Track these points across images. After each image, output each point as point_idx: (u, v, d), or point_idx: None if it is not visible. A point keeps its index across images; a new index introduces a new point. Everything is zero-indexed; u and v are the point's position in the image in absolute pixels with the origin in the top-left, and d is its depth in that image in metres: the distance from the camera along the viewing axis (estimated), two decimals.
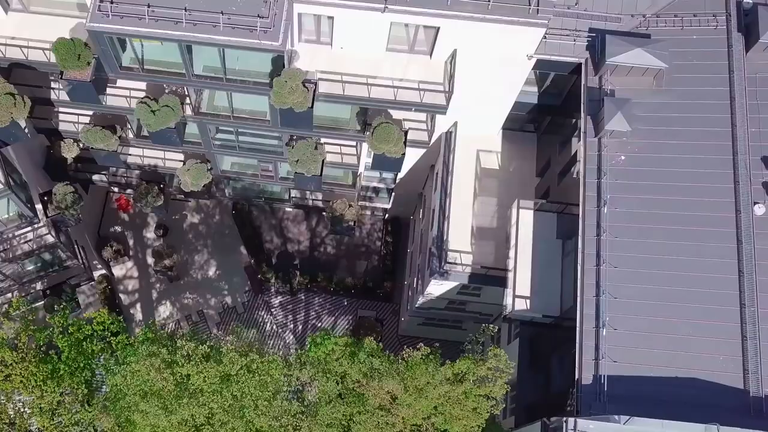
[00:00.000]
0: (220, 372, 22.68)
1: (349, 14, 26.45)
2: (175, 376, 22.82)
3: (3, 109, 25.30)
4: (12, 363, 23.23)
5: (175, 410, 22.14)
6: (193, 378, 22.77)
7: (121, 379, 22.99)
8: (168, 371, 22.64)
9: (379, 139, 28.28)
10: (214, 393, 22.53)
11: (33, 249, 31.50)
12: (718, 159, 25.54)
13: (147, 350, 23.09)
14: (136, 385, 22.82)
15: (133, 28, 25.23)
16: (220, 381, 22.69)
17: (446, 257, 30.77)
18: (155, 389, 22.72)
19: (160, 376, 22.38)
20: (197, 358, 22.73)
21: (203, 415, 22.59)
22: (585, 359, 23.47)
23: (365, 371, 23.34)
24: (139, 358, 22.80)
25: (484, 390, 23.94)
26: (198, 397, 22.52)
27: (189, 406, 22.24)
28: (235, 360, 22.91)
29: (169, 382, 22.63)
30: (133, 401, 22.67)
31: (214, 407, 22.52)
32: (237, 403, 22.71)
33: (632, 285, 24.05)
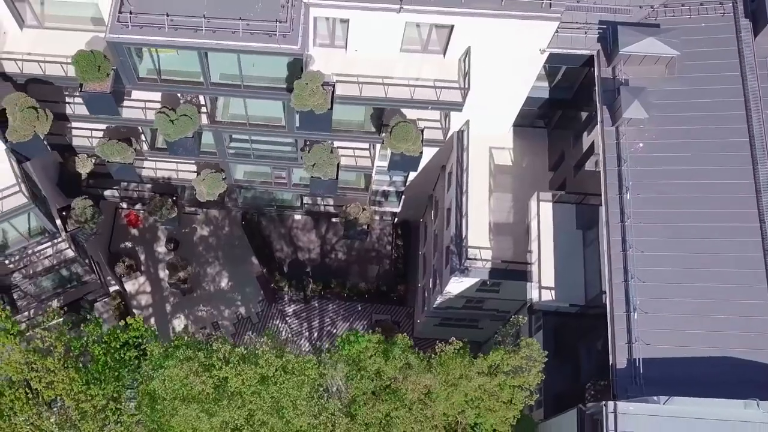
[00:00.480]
0: (258, 374, 22.77)
1: (365, 16, 26.77)
2: (213, 379, 22.89)
3: (26, 123, 25.34)
4: (54, 370, 23.27)
5: (216, 413, 22.18)
6: (231, 380, 22.83)
7: (159, 383, 23.00)
8: (206, 374, 22.72)
9: (398, 138, 28.56)
10: (253, 394, 22.60)
11: (53, 264, 31.42)
12: (735, 141, 25.98)
13: (183, 354, 23.17)
14: (174, 389, 22.85)
15: (153, 37, 25.42)
16: (258, 382, 22.76)
17: (466, 254, 31.00)
18: (194, 393, 22.77)
19: (198, 379, 22.45)
20: (234, 360, 22.82)
21: (243, 417, 22.65)
22: (618, 344, 23.72)
23: (400, 366, 23.49)
24: (176, 363, 22.87)
25: (518, 380, 24.11)
26: (237, 399, 22.57)
27: (229, 408, 22.29)
28: (272, 361, 23.01)
29: (208, 385, 22.70)
30: (173, 406, 22.69)
31: (253, 408, 22.57)
32: (275, 403, 22.78)
33: (660, 268, 24.36)
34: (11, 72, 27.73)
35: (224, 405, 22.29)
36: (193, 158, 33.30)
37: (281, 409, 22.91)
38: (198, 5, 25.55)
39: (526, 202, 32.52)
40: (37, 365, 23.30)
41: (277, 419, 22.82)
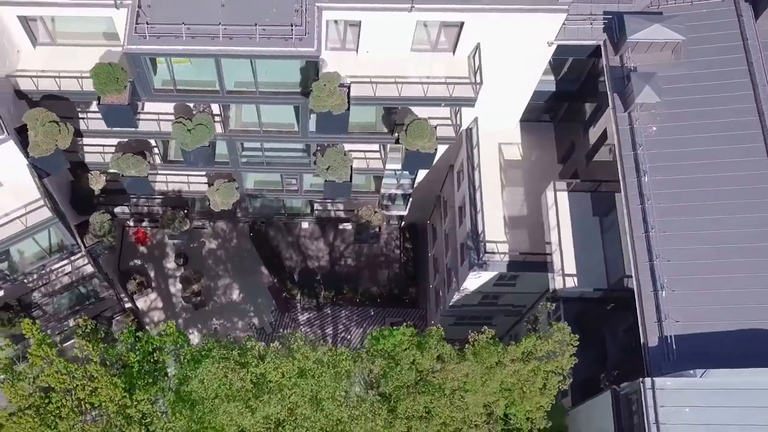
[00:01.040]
0: (297, 367, 22.96)
1: (376, 17, 27.20)
2: (251, 376, 23.03)
3: (48, 137, 25.44)
4: (98, 376, 23.30)
5: (258, 408, 22.29)
6: (270, 375, 22.98)
7: (197, 384, 23.11)
8: (244, 371, 22.87)
9: (414, 135, 28.94)
10: (294, 386, 22.77)
11: (72, 281, 31.37)
12: (746, 120, 26.62)
13: (218, 354, 23.33)
14: (213, 388, 22.96)
15: (171, 46, 25.69)
16: (297, 375, 22.95)
17: (484, 248, 31.35)
18: (234, 390, 22.91)
19: (237, 375, 22.60)
20: (272, 355, 23.04)
21: (286, 409, 22.77)
22: (648, 323, 24.12)
23: (437, 357, 23.76)
24: (213, 362, 23.01)
25: (552, 365, 24.41)
26: (277, 393, 22.72)
27: (270, 402, 22.43)
28: (308, 354, 23.19)
29: (247, 381, 22.86)
30: (214, 404, 22.78)
31: (295, 400, 22.71)
32: (315, 396, 22.98)
33: (683, 247, 24.85)
34: (27, 89, 27.81)
35: (266, 400, 22.41)
36: (207, 168, 33.48)
37: (320, 402, 23.06)
38: (213, 13, 25.88)
39: (537, 195, 32.99)
40: (77, 373, 23.35)
41: (317, 411, 22.95)
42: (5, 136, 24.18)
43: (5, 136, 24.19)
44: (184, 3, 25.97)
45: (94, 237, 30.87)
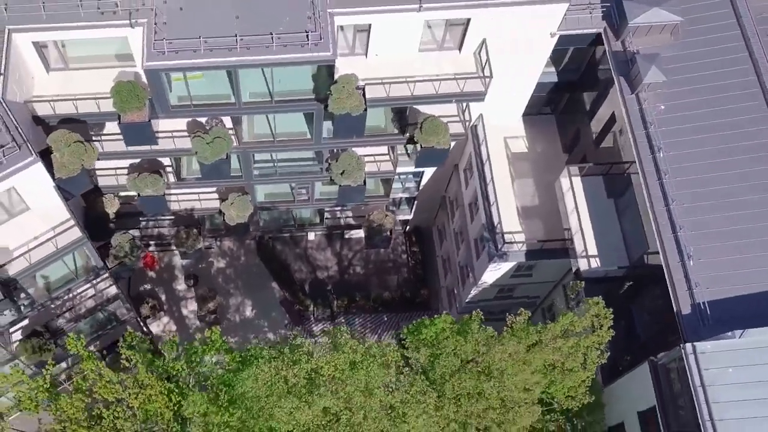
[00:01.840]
0: (348, 360, 23.29)
1: (386, 19, 27.85)
2: (303, 372, 23.31)
3: (75, 157, 25.58)
4: (151, 383, 23.37)
5: (315, 401, 22.54)
6: (324, 369, 23.29)
7: (251, 382, 23.34)
8: (296, 367, 23.15)
9: (429, 131, 29.59)
10: (347, 378, 23.09)
11: (96, 305, 31.28)
12: (748, 93, 27.68)
13: (269, 354, 23.60)
14: (267, 386, 23.19)
15: (190, 60, 26.03)
16: (349, 368, 23.27)
17: (503, 239, 31.97)
18: (288, 386, 23.17)
19: (291, 372, 22.89)
20: (323, 350, 23.36)
21: (341, 401, 23.05)
22: (679, 292, 24.83)
23: (482, 340, 24.27)
24: (266, 361, 23.29)
25: (591, 339, 25.00)
26: (332, 386, 23.00)
27: (327, 395, 22.69)
28: (356, 347, 23.55)
29: (300, 377, 23.13)
30: (269, 402, 22.99)
31: (350, 390, 23.01)
32: (367, 386, 23.34)
33: (705, 216, 25.70)
34: (44, 114, 27.92)
35: (322, 392, 22.68)
36: (223, 182, 33.70)
37: (372, 390, 23.39)
38: (228, 26, 26.33)
39: (547, 184, 33.84)
40: (128, 382, 23.46)
41: (370, 400, 23.26)
42: (34, 158, 24.26)
43: (33, 158, 24.27)
44: (199, 18, 26.39)
45: (116, 258, 30.87)
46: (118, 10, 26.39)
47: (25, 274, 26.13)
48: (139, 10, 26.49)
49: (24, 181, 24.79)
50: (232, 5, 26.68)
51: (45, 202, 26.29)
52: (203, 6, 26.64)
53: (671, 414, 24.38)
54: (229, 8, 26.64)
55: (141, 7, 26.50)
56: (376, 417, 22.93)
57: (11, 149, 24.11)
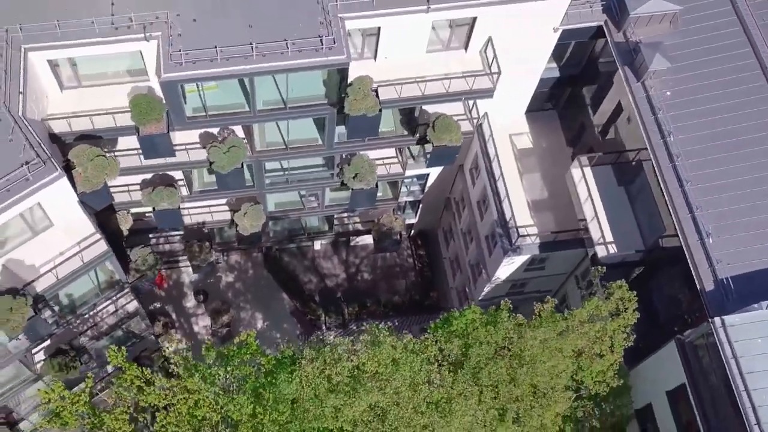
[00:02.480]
0: (390, 356, 23.54)
1: (395, 21, 28.38)
2: (346, 370, 23.54)
3: (99, 170, 25.70)
4: (197, 389, 23.46)
5: (361, 397, 22.73)
6: (367, 366, 23.53)
7: (297, 384, 23.52)
8: (339, 365, 23.37)
9: (441, 129, 30.11)
10: (392, 374, 23.34)
11: (118, 321, 31.23)
12: (751, 74, 28.53)
13: (309, 355, 23.80)
14: (311, 389, 23.36)
15: (208, 70, 26.35)
16: (392, 363, 23.54)
17: (518, 233, 32.48)
18: (333, 384, 23.37)
19: (335, 370, 23.09)
20: (364, 347, 23.62)
21: (388, 396, 23.29)
22: (701, 270, 25.43)
23: (513, 328, 24.68)
24: (308, 361, 23.50)
25: (618, 322, 25.48)
26: (376, 382, 23.23)
27: (372, 391, 22.91)
28: (396, 344, 23.84)
29: (344, 375, 23.35)
30: (316, 401, 23.16)
31: (397, 386, 23.26)
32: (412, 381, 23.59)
33: (720, 195, 26.39)
34: (61, 132, 28.02)
35: (368, 388, 22.89)
36: (238, 192, 33.90)
37: (417, 386, 23.67)
38: (242, 35, 26.72)
39: (555, 178, 34.51)
40: (176, 389, 23.60)
41: (416, 395, 23.54)
42: (59, 172, 24.35)
43: (59, 173, 24.35)
44: (213, 29, 26.77)
45: (137, 272, 30.90)
46: (133, 24, 26.64)
47: (52, 290, 26.09)
48: (153, 24, 26.77)
49: (49, 196, 24.84)
50: (244, 15, 27.10)
51: (69, 217, 26.32)
52: (216, 17, 27.04)
53: (702, 389, 24.88)
54: (241, 18, 27.06)
55: (155, 21, 26.79)
56: (425, 411, 23.19)
57: (36, 165, 24.19)
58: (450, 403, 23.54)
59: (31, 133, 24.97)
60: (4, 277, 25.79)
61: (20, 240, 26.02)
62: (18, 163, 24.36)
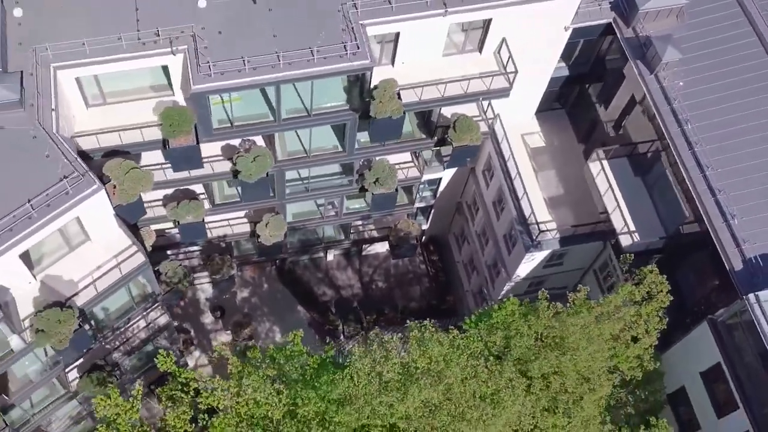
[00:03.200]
0: (440, 353, 23.94)
1: (414, 26, 29.05)
2: (396, 367, 23.85)
3: (134, 183, 25.96)
4: (256, 387, 23.80)
5: (414, 393, 23.04)
6: (419, 361, 23.86)
7: (348, 380, 23.82)
8: (391, 362, 23.68)
9: (462, 129, 30.75)
10: (443, 370, 23.70)
11: (149, 335, 31.28)
12: (758, 62, 29.58)
13: (359, 352, 24.12)
14: (363, 385, 23.64)
15: (237, 80, 26.80)
16: (443, 359, 23.91)
17: (539, 229, 33.11)
18: (385, 381, 23.66)
19: (387, 366, 23.40)
20: (415, 343, 23.98)
21: (440, 393, 23.62)
22: (729, 250, 26.17)
23: (552, 316, 25.20)
24: (359, 358, 23.81)
25: (652, 306, 26.07)
26: (427, 379, 23.55)
27: (425, 388, 23.22)
28: (444, 340, 24.24)
29: (395, 371, 23.65)
30: (367, 400, 23.44)
31: (450, 382, 23.61)
32: (466, 376, 24.05)
33: (741, 177, 27.27)
34: (89, 148, 28.27)
35: (421, 384, 23.21)
36: (260, 203, 34.25)
37: (468, 380, 24.05)
38: (267, 45, 27.22)
39: (568, 174, 35.30)
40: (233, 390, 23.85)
41: (468, 390, 23.92)
42: (98, 185, 24.60)
43: (98, 186, 24.61)
44: (238, 40, 27.25)
45: (169, 285, 31.04)
46: (159, 39, 27.07)
47: (91, 304, 26.20)
48: (179, 38, 27.22)
49: (88, 209, 25.05)
50: (268, 26, 27.62)
51: (105, 230, 26.55)
52: (241, 29, 27.54)
53: (738, 366, 25.49)
54: (265, 29, 27.58)
55: (180, 35, 27.24)
56: (477, 405, 23.54)
57: (75, 179, 24.44)
58: (498, 394, 23.91)
59: (66, 148, 25.22)
60: (43, 292, 25.90)
61: (58, 255, 26.19)
62: (56, 178, 24.59)
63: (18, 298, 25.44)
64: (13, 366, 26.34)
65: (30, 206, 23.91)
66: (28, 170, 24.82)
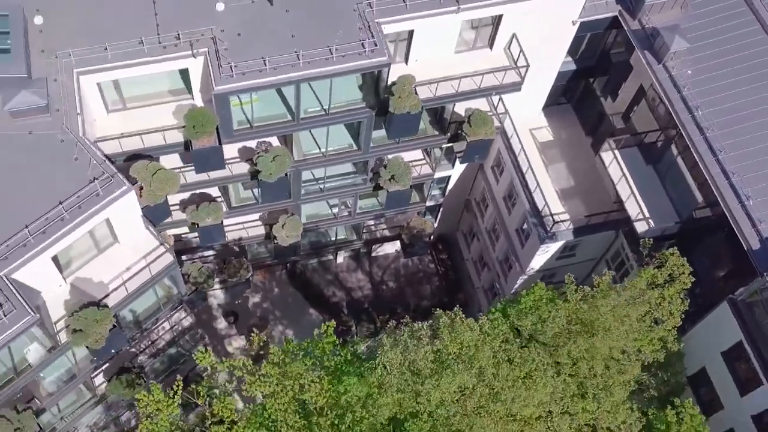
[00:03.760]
0: (473, 338, 24.38)
1: (427, 23, 29.63)
2: (429, 355, 24.26)
3: (161, 183, 26.25)
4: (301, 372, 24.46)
5: (448, 378, 23.42)
6: (450, 347, 24.28)
7: (380, 372, 24.21)
8: (423, 349, 24.08)
9: (478, 124, 31.31)
10: (475, 354, 24.12)
11: (174, 337, 31.43)
12: (763, 49, 30.41)
13: (389, 342, 24.52)
14: (395, 372, 24.04)
15: (259, 80, 27.23)
16: (473, 344, 24.34)
17: (554, 220, 33.69)
18: (417, 368, 24.07)
19: (420, 354, 23.80)
20: (445, 329, 24.44)
21: (474, 376, 24.02)
22: (746, 231, 26.84)
23: (580, 299, 25.73)
24: (391, 347, 24.22)
25: (676, 287, 26.64)
26: (460, 364, 23.97)
27: (460, 373, 23.63)
28: (473, 326, 24.69)
29: (428, 359, 24.06)
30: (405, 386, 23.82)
31: (483, 365, 24.03)
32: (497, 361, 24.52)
33: (753, 160, 27.99)
34: (112, 153, 28.49)
35: (456, 370, 23.61)
36: (277, 204, 34.61)
37: (498, 364, 24.50)
38: (286, 45, 27.68)
39: (577, 167, 35.95)
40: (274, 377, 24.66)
41: (498, 372, 24.37)
42: (128, 186, 24.89)
43: (128, 187, 24.89)
44: (258, 41, 27.68)
45: (194, 285, 31.23)
46: (180, 42, 27.45)
47: (121, 306, 26.40)
48: (199, 41, 27.63)
49: (118, 210, 25.30)
50: (286, 27, 28.08)
51: (133, 232, 26.80)
52: (259, 30, 27.99)
53: (760, 343, 26.09)
54: (283, 29, 28.04)
55: (200, 38, 27.65)
56: (511, 386, 23.99)
57: (106, 180, 24.72)
58: (531, 376, 24.37)
59: (94, 151, 25.51)
60: (73, 295, 26.09)
61: (87, 258, 26.41)
62: (86, 180, 24.87)
63: (48, 301, 25.60)
64: (42, 371, 26.47)
65: (62, 208, 24.15)
66: (57, 174, 25.09)
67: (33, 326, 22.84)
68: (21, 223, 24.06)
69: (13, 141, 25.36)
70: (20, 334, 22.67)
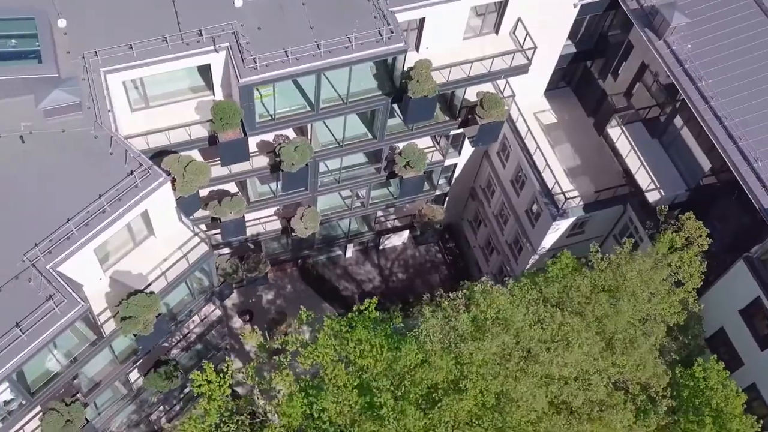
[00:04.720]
0: (507, 301, 25.34)
1: (438, 10, 30.68)
2: (468, 320, 25.29)
3: (195, 174, 26.87)
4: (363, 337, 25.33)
5: (489, 341, 24.30)
6: (487, 313, 25.23)
7: (423, 338, 25.14)
8: (462, 315, 25.06)
9: (490, 105, 32.34)
10: (511, 317, 25.08)
11: (203, 330, 31.88)
12: (760, 20, 31.83)
13: (428, 311, 25.50)
14: (439, 341, 24.94)
15: (282, 71, 28.01)
16: (508, 307, 25.34)
17: (565, 198, 34.80)
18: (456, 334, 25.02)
19: (460, 320, 24.73)
20: (480, 296, 25.45)
21: (512, 337, 24.94)
22: (757, 191, 28.10)
23: (607, 266, 26.83)
24: (429, 317, 25.20)
25: (694, 249, 27.81)
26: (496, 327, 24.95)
27: (499, 336, 24.52)
28: (502, 290, 25.71)
29: (468, 324, 25.03)
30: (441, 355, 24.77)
31: (521, 326, 24.99)
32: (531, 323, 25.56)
33: (758, 124, 29.30)
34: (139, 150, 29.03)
35: (495, 333, 24.54)
36: (296, 196, 35.30)
37: (533, 325, 25.51)
38: (305, 36, 28.48)
39: (582, 146, 37.15)
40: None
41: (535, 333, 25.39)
42: (165, 177, 25.44)
43: (165, 177, 25.44)
44: (277, 33, 28.46)
45: (224, 276, 31.73)
46: (202, 38, 28.16)
47: (163, 295, 26.85)
48: (220, 36, 28.35)
49: (155, 201, 25.84)
50: (304, 18, 28.92)
51: (169, 223, 27.35)
52: (278, 23, 28.78)
53: None
54: (301, 21, 28.87)
55: (221, 33, 28.37)
56: (549, 347, 24.96)
57: (143, 172, 25.29)
58: (566, 337, 25.35)
59: (129, 145, 26.09)
60: (113, 288, 26.55)
61: (124, 251, 26.92)
62: (123, 174, 25.41)
63: (89, 295, 26.02)
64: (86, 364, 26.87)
65: (103, 201, 24.67)
66: (93, 169, 25.59)
67: (83, 316, 23.29)
68: (63, 217, 24.53)
69: (48, 139, 25.83)
70: (72, 323, 23.10)
